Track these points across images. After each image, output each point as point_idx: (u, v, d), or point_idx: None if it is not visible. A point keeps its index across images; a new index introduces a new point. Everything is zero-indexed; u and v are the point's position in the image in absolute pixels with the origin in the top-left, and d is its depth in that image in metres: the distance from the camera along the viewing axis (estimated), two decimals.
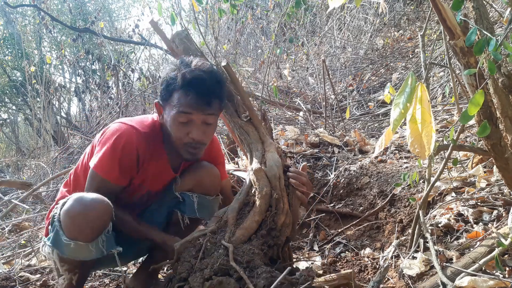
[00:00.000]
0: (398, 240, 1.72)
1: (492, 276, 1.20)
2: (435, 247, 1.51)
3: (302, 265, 1.82)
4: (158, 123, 1.52)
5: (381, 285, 1.40)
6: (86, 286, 1.83)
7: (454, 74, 1.72)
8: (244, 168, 2.53)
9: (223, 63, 1.65)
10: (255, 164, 1.40)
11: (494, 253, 1.24)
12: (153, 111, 1.61)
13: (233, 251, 1.19)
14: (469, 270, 1.23)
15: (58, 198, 1.55)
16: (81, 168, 1.57)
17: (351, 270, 1.45)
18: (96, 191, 1.38)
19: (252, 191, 1.36)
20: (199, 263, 1.18)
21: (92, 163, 1.43)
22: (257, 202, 1.32)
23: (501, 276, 1.20)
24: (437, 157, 2.07)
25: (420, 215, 1.50)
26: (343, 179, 2.44)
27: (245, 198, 1.38)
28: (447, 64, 1.80)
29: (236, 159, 2.92)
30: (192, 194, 1.60)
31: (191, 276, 1.15)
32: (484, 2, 1.25)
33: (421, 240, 1.53)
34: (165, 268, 2.07)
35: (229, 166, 2.65)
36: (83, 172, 1.54)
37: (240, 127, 1.58)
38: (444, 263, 1.35)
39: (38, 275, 1.99)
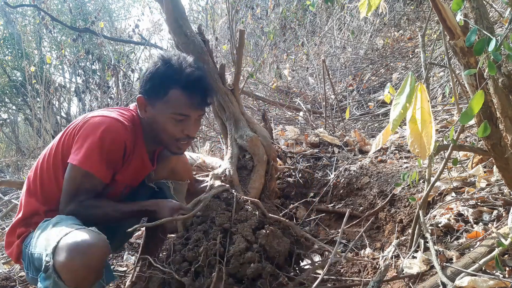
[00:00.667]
0: (398, 240, 1.72)
1: (492, 276, 1.19)
2: (435, 247, 1.51)
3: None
4: (137, 116, 1.48)
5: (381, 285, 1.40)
6: None
7: (454, 75, 1.72)
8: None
9: (241, 27, 1.78)
10: (249, 132, 1.49)
11: (494, 253, 1.24)
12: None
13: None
14: (469, 270, 1.22)
15: (27, 214, 1.43)
16: (47, 170, 1.44)
17: None
18: (78, 187, 1.34)
19: (247, 157, 1.49)
20: (236, 215, 1.31)
21: (73, 160, 1.34)
22: (257, 167, 1.44)
23: (501, 276, 1.20)
24: (437, 157, 2.07)
25: (420, 215, 1.50)
26: (343, 179, 2.44)
27: (238, 162, 1.50)
28: (446, 64, 1.80)
29: None
30: (167, 181, 1.68)
31: (237, 225, 1.27)
32: (484, 2, 1.25)
33: (421, 240, 1.53)
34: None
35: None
36: (53, 173, 1.43)
37: (225, 94, 1.65)
38: (444, 263, 1.35)
39: None
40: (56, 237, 1.17)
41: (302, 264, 1.45)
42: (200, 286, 1.19)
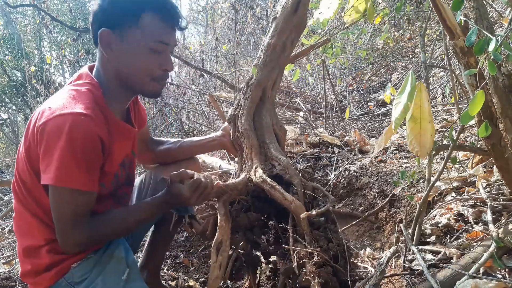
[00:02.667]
0: (396, 246, 1.72)
1: (491, 278, 1.20)
2: (435, 247, 1.51)
3: None
4: (93, 81, 1.18)
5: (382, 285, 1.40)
6: None
7: (453, 75, 1.72)
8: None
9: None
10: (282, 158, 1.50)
11: (490, 249, 1.24)
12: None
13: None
14: (470, 272, 1.23)
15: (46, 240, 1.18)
16: (24, 200, 1.19)
17: None
18: (75, 212, 1.09)
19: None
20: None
21: (47, 180, 1.05)
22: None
23: (500, 276, 1.20)
24: (437, 157, 2.07)
25: (420, 215, 1.51)
26: (343, 179, 2.44)
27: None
28: (446, 64, 1.79)
29: (236, 159, 2.92)
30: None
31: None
32: (484, 2, 1.25)
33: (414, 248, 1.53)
34: (165, 268, 2.07)
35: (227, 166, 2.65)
36: (33, 202, 1.17)
37: None
38: (445, 263, 1.35)
39: None
40: None
41: None
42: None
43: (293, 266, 1.20)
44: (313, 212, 1.26)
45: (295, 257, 1.21)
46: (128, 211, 1.25)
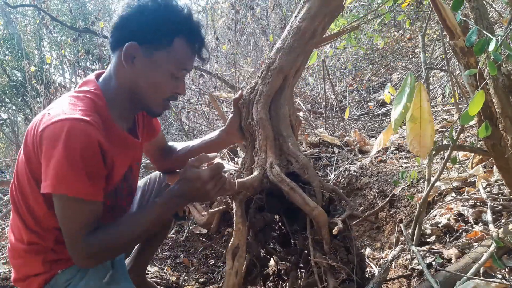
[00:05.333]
0: (402, 246, 1.72)
1: (491, 279, 1.19)
2: (434, 246, 1.51)
3: None
4: (98, 90, 1.16)
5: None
6: None
7: (452, 76, 1.72)
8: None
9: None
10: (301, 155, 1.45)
11: (490, 249, 1.24)
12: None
13: None
14: (468, 274, 1.22)
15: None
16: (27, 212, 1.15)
17: None
18: (80, 222, 1.05)
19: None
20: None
21: (47, 187, 1.00)
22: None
23: (501, 276, 1.20)
24: (437, 157, 2.07)
25: (420, 215, 1.51)
26: (343, 179, 2.44)
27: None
28: (445, 65, 1.80)
29: (236, 159, 2.92)
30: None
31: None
32: (484, 2, 1.25)
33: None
34: (165, 268, 2.07)
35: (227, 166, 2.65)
36: (25, 207, 1.14)
37: None
38: (443, 264, 1.35)
39: None
40: None
41: None
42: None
43: (316, 279, 1.15)
44: (339, 224, 1.17)
45: (316, 269, 1.15)
46: (139, 215, 1.15)
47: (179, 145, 1.60)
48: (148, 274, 1.90)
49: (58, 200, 1.04)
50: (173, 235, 2.45)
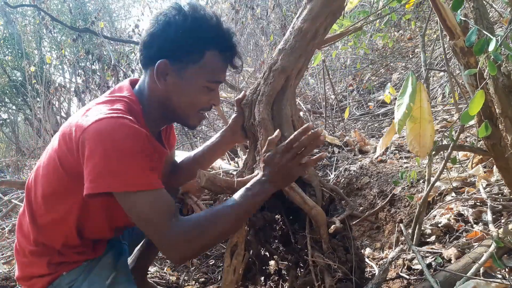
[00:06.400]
0: (401, 247, 1.72)
1: (491, 280, 1.19)
2: (434, 246, 1.51)
3: None
4: (134, 96, 1.15)
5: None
6: None
7: (452, 76, 1.72)
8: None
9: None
10: None
11: (490, 249, 1.24)
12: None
13: None
14: (468, 274, 1.22)
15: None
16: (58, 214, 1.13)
17: None
18: (167, 209, 1.00)
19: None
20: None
21: (117, 185, 0.96)
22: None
23: (501, 276, 1.20)
24: (437, 157, 2.07)
25: (420, 215, 1.51)
26: (343, 179, 2.44)
27: None
28: (445, 66, 1.80)
29: (236, 159, 2.92)
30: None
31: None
32: (484, 2, 1.25)
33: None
34: (165, 268, 2.07)
35: (227, 166, 2.65)
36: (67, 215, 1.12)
37: None
38: (443, 264, 1.35)
39: None
40: None
41: None
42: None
43: (312, 278, 1.16)
44: (338, 223, 1.18)
45: (313, 268, 1.16)
46: (234, 203, 1.06)
47: (180, 157, 1.58)
48: (148, 274, 1.89)
49: (125, 198, 0.98)
50: None
